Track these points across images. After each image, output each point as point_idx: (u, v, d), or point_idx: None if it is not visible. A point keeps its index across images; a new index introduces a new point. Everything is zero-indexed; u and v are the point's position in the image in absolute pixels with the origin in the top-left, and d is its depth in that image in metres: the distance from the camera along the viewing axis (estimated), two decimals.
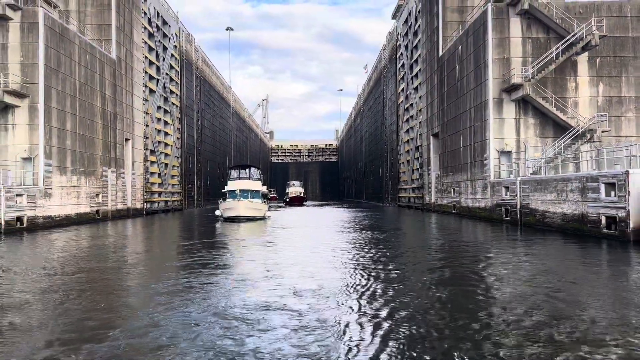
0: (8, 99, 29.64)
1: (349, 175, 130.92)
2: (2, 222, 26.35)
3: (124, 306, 9.54)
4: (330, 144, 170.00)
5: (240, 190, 36.42)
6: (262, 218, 36.65)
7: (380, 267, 13.85)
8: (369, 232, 25.20)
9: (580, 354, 6.37)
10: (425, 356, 6.39)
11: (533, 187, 25.13)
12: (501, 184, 29.38)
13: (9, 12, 30.52)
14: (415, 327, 7.71)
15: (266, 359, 6.34)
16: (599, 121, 29.45)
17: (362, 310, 8.80)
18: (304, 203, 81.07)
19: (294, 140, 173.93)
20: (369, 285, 11.16)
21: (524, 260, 14.98)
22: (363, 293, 10.33)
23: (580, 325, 7.69)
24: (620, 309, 8.66)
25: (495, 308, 8.98)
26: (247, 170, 41.62)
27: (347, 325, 7.82)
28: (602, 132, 29.38)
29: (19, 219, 28.00)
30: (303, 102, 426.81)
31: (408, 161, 57.83)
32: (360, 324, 7.90)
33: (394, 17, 66.45)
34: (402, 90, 60.35)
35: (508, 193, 28.31)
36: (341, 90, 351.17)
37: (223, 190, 39.51)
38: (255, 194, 37.39)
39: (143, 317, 8.43)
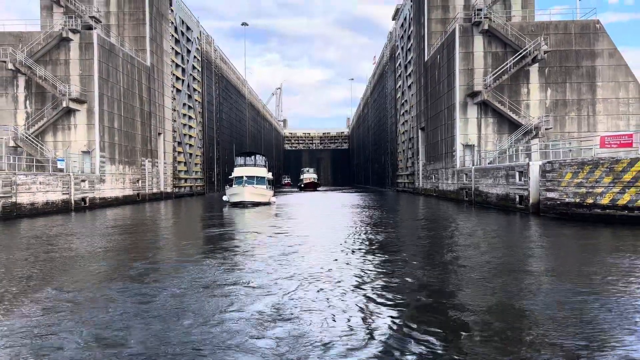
0: (72, 105, 37.57)
1: (358, 162, 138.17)
2: (73, 202, 34.40)
3: (187, 234, 17.28)
4: (342, 132, 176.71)
5: (246, 176, 37.70)
6: (267, 203, 38.37)
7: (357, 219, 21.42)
8: (359, 209, 32.78)
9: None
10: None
11: (481, 174, 32.41)
12: (463, 171, 36.65)
13: (70, 35, 38.36)
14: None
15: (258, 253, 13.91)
16: (544, 120, 36.42)
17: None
18: (317, 189, 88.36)
19: (307, 129, 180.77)
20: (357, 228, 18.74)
21: (468, 221, 22.48)
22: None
23: (478, 242, 15.21)
24: (504, 241, 16.16)
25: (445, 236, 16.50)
26: (253, 157, 42.72)
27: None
28: (546, 129, 36.35)
29: (83, 199, 36.02)
30: (320, 88, 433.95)
31: (404, 151, 65.04)
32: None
33: (393, 18, 73.08)
34: (400, 86, 67.32)
35: (466, 179, 35.58)
36: (352, 79, 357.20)
37: (230, 177, 40.92)
38: (260, 180, 38.64)
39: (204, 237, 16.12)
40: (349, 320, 7.28)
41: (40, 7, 47.22)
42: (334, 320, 7.29)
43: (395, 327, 6.97)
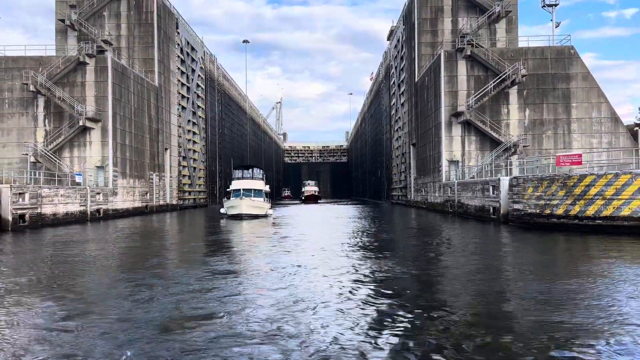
0: (87, 123, 40.81)
1: (356, 175, 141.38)
2: (89, 213, 37.45)
3: (194, 236, 20.33)
4: (340, 145, 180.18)
5: (243, 189, 38.21)
6: (265, 216, 38.51)
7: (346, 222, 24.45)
8: (354, 219, 35.85)
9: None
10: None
11: (462, 188, 35.51)
12: (448, 185, 39.76)
13: (87, 59, 41.73)
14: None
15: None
16: (521, 138, 39.62)
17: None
18: (318, 201, 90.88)
19: (307, 142, 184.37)
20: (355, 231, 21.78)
21: (444, 229, 25.54)
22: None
23: (456, 241, 18.26)
24: (477, 244, 19.22)
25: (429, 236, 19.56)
26: (250, 170, 43.59)
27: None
28: (524, 146, 39.52)
29: (98, 211, 39.07)
30: (321, 102, 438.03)
31: (397, 165, 68.24)
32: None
33: (388, 38, 76.65)
34: (394, 104, 70.71)
35: (451, 192, 38.67)
36: (351, 94, 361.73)
37: (228, 190, 41.73)
38: (257, 192, 39.26)
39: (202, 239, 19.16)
40: (331, 286, 10.48)
41: (55, 31, 50.75)
42: (321, 286, 10.45)
43: (359, 290, 10.05)
